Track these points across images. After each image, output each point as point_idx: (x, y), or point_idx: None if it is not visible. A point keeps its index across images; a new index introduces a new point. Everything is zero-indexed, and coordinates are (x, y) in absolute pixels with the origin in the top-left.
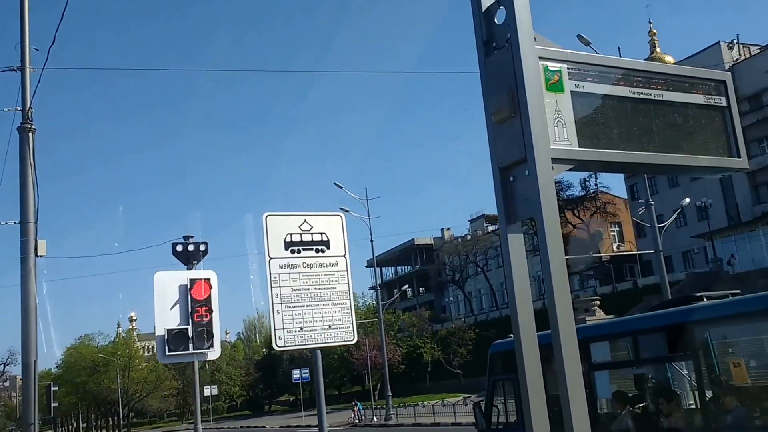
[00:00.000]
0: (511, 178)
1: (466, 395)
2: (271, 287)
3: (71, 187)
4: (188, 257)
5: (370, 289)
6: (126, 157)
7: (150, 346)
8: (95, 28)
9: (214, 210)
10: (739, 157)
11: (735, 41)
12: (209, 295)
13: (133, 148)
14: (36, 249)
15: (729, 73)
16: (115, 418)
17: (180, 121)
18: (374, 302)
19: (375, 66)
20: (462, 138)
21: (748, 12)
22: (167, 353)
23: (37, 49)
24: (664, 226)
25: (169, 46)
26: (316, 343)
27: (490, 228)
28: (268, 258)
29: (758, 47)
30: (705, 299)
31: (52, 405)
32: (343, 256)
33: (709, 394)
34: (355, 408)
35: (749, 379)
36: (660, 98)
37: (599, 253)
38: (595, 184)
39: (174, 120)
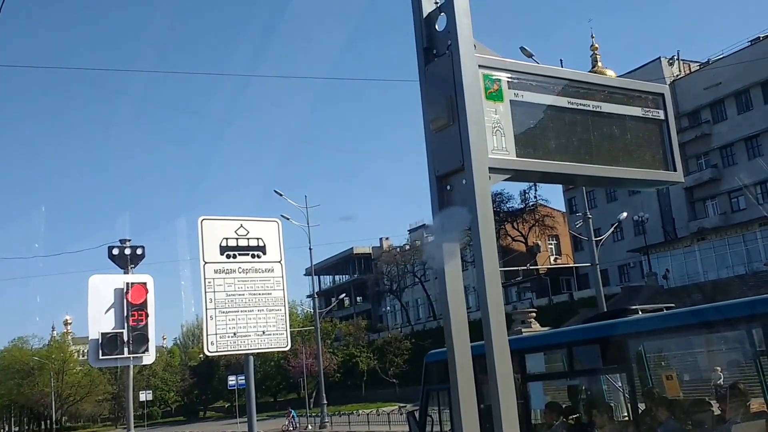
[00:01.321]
0: (448, 187)
1: (402, 404)
2: (206, 292)
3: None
4: (125, 261)
5: (308, 297)
6: (54, 154)
7: (85, 350)
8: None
9: (149, 214)
10: (675, 170)
11: (675, 57)
12: (145, 300)
13: (67, 151)
14: None
15: (667, 86)
16: (48, 421)
17: (109, 121)
18: (312, 310)
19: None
20: (403, 147)
21: (690, 30)
22: (101, 357)
23: None
24: (601, 239)
25: (90, 38)
26: (249, 349)
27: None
28: (202, 262)
29: (698, 64)
30: (640, 312)
31: None
32: (279, 262)
33: (641, 406)
34: (290, 415)
35: (681, 391)
36: (598, 110)
37: (536, 265)
38: (535, 197)
39: (104, 121)
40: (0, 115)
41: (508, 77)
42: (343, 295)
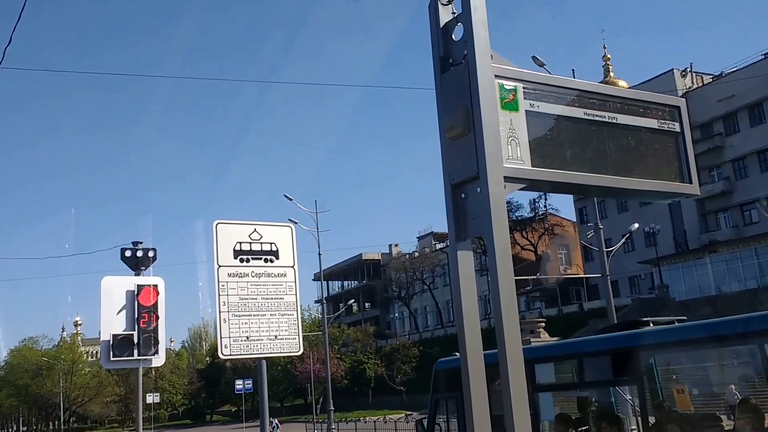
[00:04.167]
0: (463, 195)
1: (408, 412)
2: (219, 295)
3: (20, 186)
4: (137, 263)
5: (316, 302)
6: (75, 156)
7: (94, 351)
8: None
9: (163, 217)
10: (690, 182)
11: (688, 69)
12: (156, 302)
13: (87, 155)
14: None
15: (683, 99)
16: (56, 422)
17: (133, 126)
18: (320, 315)
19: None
20: (415, 155)
21: (703, 42)
22: (112, 358)
23: None
24: (612, 250)
25: (116, 40)
26: (261, 353)
27: (438, 246)
28: (216, 266)
29: (711, 76)
30: (651, 324)
31: None
32: (292, 266)
33: (651, 419)
34: (271, 426)
35: (692, 405)
36: (614, 121)
37: (546, 275)
38: (545, 206)
39: (126, 125)
40: (21, 117)
41: (524, 87)
42: (352, 300)
